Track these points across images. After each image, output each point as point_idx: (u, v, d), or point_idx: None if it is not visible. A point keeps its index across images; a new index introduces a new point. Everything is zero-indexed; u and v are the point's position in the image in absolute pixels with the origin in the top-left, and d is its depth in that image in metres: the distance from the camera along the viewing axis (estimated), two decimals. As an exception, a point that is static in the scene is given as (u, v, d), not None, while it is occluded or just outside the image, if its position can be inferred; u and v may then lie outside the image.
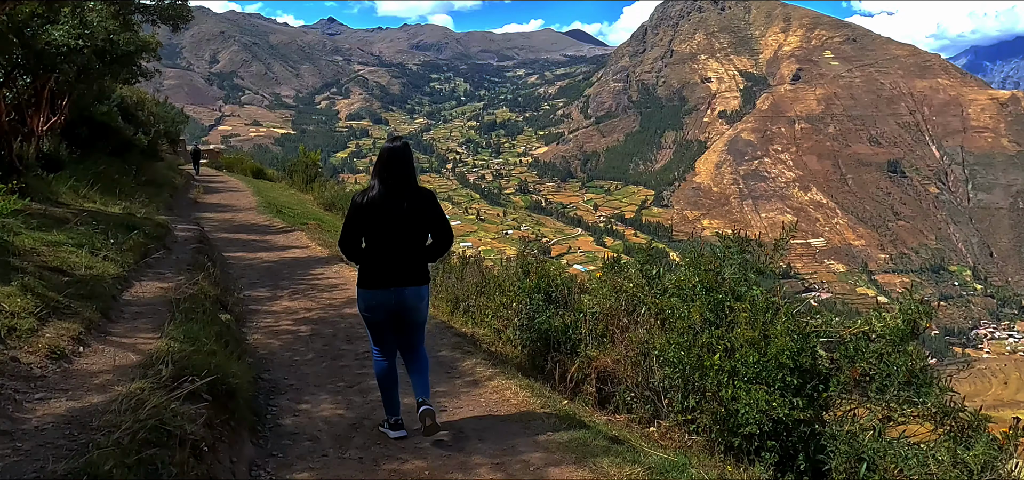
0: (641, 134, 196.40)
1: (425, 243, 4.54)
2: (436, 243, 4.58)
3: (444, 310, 8.73)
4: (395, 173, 4.39)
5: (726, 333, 4.66)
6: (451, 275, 9.64)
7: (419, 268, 4.49)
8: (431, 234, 4.55)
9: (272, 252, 12.20)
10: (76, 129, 17.10)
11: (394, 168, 4.39)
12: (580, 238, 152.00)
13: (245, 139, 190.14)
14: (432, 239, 4.56)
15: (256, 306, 7.82)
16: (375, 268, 4.39)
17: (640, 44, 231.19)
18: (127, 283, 5.92)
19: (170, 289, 6.07)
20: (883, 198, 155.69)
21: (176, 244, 9.72)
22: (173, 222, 12.52)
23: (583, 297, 6.66)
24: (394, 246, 4.37)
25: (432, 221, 4.50)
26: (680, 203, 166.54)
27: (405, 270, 4.40)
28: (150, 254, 7.66)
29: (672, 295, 5.40)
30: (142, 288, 5.93)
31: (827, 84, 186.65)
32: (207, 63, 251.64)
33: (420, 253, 4.50)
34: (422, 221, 4.45)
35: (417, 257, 4.47)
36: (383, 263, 4.38)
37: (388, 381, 4.52)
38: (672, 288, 5.52)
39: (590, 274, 7.73)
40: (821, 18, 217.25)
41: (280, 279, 9.53)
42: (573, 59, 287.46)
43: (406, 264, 4.41)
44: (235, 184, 27.44)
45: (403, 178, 4.40)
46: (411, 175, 4.49)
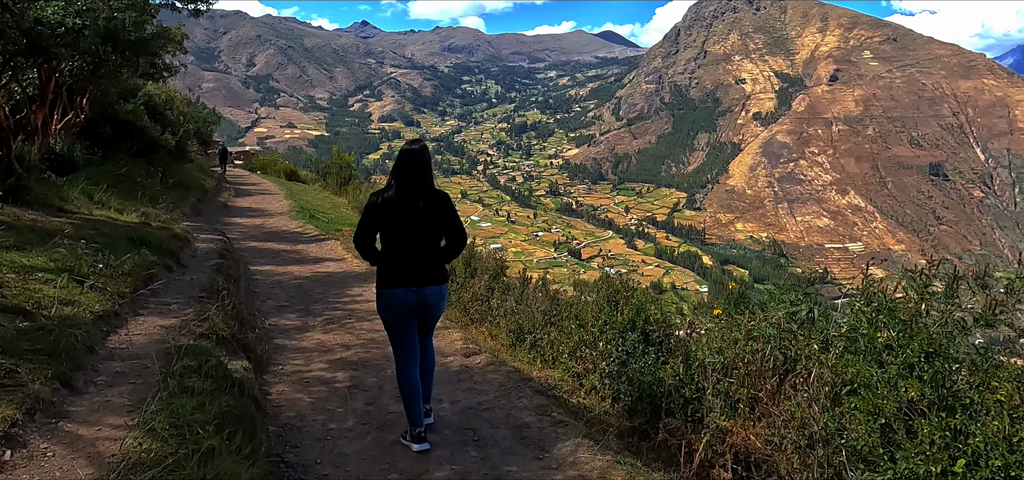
0: (673, 136, 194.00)
1: (440, 244, 4.52)
2: (449, 246, 4.55)
3: (501, 339, 7.31)
4: (411, 174, 4.38)
5: (966, 423, 3.14)
6: (509, 296, 8.20)
7: (438, 268, 4.50)
8: (445, 237, 4.51)
9: (304, 265, 10.91)
10: (98, 129, 16.14)
11: (410, 169, 4.38)
12: (611, 240, 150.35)
13: (280, 141, 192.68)
14: (446, 242, 4.54)
15: (283, 339, 6.46)
16: (394, 268, 4.38)
17: (673, 45, 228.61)
18: (116, 322, 4.57)
19: (173, 328, 4.71)
20: (924, 202, 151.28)
21: (194, 259, 8.43)
22: (196, 231, 11.30)
23: (699, 341, 5.16)
24: (411, 246, 4.37)
25: (446, 224, 4.48)
26: (713, 206, 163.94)
27: (425, 270, 4.41)
28: (156, 277, 6.32)
29: (847, 350, 3.90)
30: (136, 328, 4.59)
31: (866, 85, 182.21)
32: (244, 66, 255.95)
33: (437, 253, 4.50)
34: (437, 223, 4.43)
35: (434, 257, 4.48)
36: (402, 263, 4.37)
37: (410, 389, 4.41)
38: (844, 338, 4.02)
39: (694, 302, 6.07)
40: (860, 17, 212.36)
41: (312, 301, 8.17)
42: (605, 60, 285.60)
43: (425, 264, 4.41)
44: (268, 187, 26.61)
45: (419, 180, 4.39)
46: (427, 177, 4.45)
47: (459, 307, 8.96)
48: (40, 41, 7.18)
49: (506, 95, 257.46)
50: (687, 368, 5.03)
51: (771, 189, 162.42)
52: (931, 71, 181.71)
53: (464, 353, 6.07)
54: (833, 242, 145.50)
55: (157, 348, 4.14)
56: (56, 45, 7.47)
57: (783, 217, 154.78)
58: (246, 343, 5.34)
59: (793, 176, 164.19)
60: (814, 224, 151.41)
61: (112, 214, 9.77)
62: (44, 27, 7.05)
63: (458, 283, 9.30)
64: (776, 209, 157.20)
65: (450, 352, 6.13)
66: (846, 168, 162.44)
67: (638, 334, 5.51)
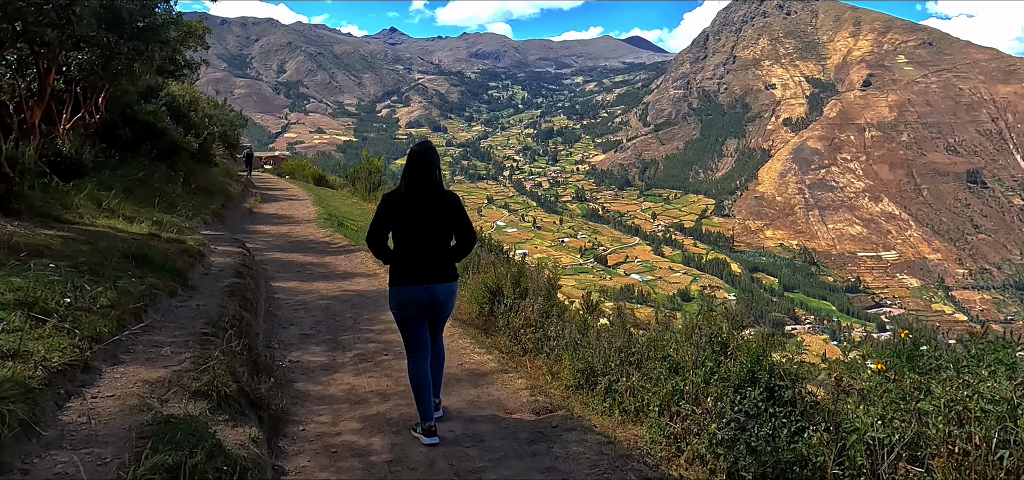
0: (701, 142, 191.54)
1: (450, 243, 4.58)
2: (459, 245, 4.61)
3: (565, 378, 6.07)
4: (418, 174, 4.45)
5: None
6: (568, 326, 6.92)
7: (448, 266, 4.55)
8: (455, 236, 4.58)
9: (332, 281, 9.77)
10: (116, 130, 15.23)
11: (417, 169, 4.45)
12: (638, 247, 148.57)
13: (309, 146, 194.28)
14: (455, 241, 4.60)
15: (306, 382, 5.26)
16: (406, 265, 4.44)
17: (701, 50, 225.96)
18: (82, 380, 3.41)
19: (160, 384, 3.54)
20: (961, 210, 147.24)
21: (206, 277, 7.30)
22: (214, 241, 10.22)
23: (853, 406, 3.87)
24: (421, 244, 4.42)
25: (456, 223, 4.55)
26: (742, 213, 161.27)
27: (435, 268, 4.47)
28: (154, 305, 5.16)
29: None
30: (109, 386, 3.43)
31: (900, 90, 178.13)
32: (275, 73, 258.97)
33: (447, 252, 4.56)
34: (446, 222, 4.50)
35: (444, 256, 4.54)
36: (413, 261, 4.43)
37: (422, 384, 4.44)
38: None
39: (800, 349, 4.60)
40: (894, 22, 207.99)
41: (341, 329, 6.98)
42: (632, 66, 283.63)
43: (435, 262, 4.47)
44: (295, 192, 25.81)
45: (427, 179, 4.46)
46: (434, 176, 4.49)
47: (509, 333, 7.77)
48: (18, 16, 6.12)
49: (533, 101, 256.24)
50: (837, 440, 3.76)
51: (802, 196, 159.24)
52: (969, 76, 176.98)
53: (533, 408, 4.80)
54: (866, 250, 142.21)
55: (127, 422, 2.95)
56: (40, 23, 6.40)
57: (814, 224, 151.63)
58: (258, 397, 4.14)
59: (825, 183, 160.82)
60: (846, 232, 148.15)
61: (119, 223, 8.68)
62: (25, 2, 6.00)
63: (506, 305, 8.12)
64: (807, 216, 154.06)
65: (515, 406, 4.87)
66: (880, 175, 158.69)
67: (761, 390, 4.23)
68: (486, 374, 5.57)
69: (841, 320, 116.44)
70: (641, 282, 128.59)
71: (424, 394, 4.41)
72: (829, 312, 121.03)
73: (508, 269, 8.83)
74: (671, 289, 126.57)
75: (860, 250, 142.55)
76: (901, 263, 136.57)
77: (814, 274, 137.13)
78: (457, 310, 8.94)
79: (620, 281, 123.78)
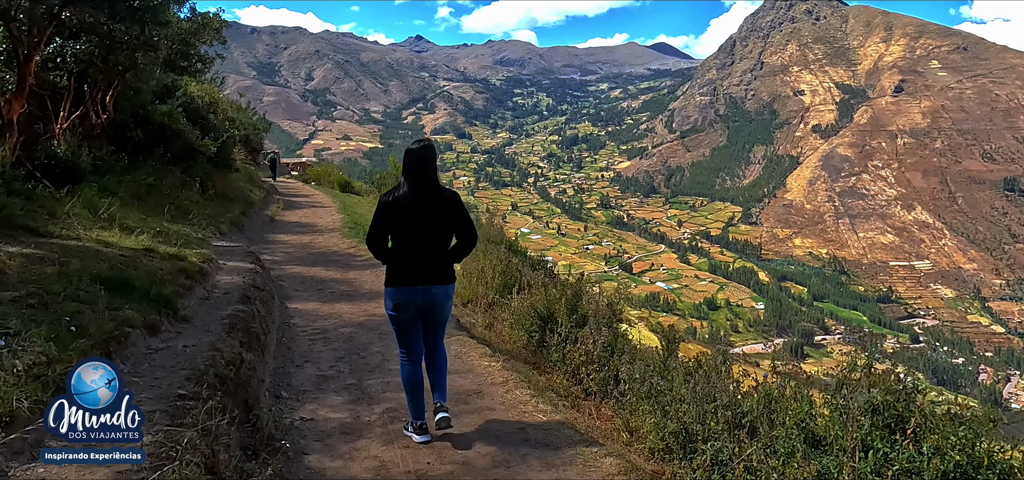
0: (728, 149, 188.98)
1: (449, 244, 4.51)
2: (460, 244, 4.54)
3: (650, 440, 4.74)
4: (416, 173, 4.37)
5: None
6: (646, 367, 5.58)
7: (445, 267, 4.49)
8: (456, 236, 4.51)
9: (356, 302, 8.57)
10: (127, 132, 14.18)
11: (415, 169, 4.37)
12: (663, 255, 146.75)
13: (336, 152, 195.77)
14: (456, 240, 4.53)
15: (320, 455, 3.93)
16: (402, 266, 4.38)
17: (728, 56, 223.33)
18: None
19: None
20: (998, 218, 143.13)
21: (205, 305, 6.07)
22: (226, 255, 9.07)
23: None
24: (419, 245, 4.35)
25: (456, 223, 4.48)
26: (770, 221, 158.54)
27: (431, 269, 4.40)
28: (122, 348, 3.91)
29: None
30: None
31: (934, 96, 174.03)
32: (303, 80, 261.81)
33: (445, 253, 4.48)
34: (446, 222, 4.42)
35: (442, 257, 4.46)
36: (409, 261, 4.36)
37: (414, 384, 4.41)
38: None
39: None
40: (927, 26, 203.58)
41: (367, 369, 5.69)
42: (657, 72, 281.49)
43: (432, 263, 4.40)
44: (320, 198, 24.91)
45: (424, 178, 4.36)
46: (432, 175, 4.41)
47: (566, 371, 6.45)
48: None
49: (557, 107, 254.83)
50: None
51: (831, 204, 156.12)
52: (1005, 81, 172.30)
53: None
54: (898, 259, 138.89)
55: None
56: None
57: (844, 233, 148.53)
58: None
59: (855, 190, 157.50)
60: (878, 240, 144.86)
61: (112, 236, 7.47)
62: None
63: (561, 335, 6.82)
64: (837, 224, 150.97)
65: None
66: (912, 182, 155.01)
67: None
68: (556, 446, 4.24)
69: (872, 331, 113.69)
70: (666, 290, 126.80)
71: (415, 393, 4.35)
72: (860, 322, 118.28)
73: (562, 292, 7.55)
74: (697, 297, 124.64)
75: (892, 259, 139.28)
76: (935, 273, 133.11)
77: (844, 283, 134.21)
78: (500, 338, 7.71)
79: (645, 289, 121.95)
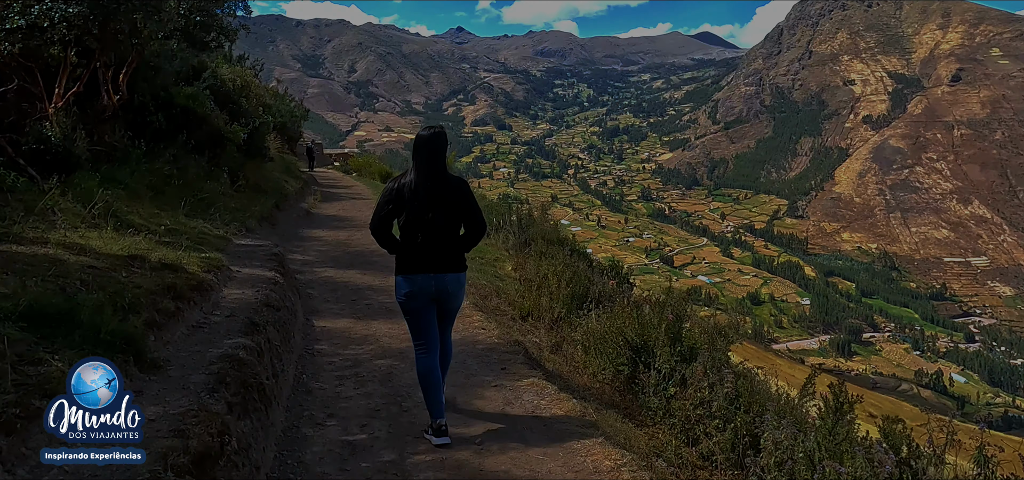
0: (774, 140, 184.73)
1: (458, 231, 4.48)
2: (469, 233, 4.51)
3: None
4: (425, 160, 4.34)
5: None
6: (793, 430, 3.98)
7: (456, 255, 4.46)
8: (464, 225, 4.48)
9: (395, 319, 6.72)
10: (147, 115, 13.40)
11: (424, 156, 4.35)
12: (705, 248, 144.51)
13: (377, 144, 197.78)
14: (465, 229, 4.50)
15: None
16: (413, 254, 4.37)
17: (775, 45, 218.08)
18: None
19: None
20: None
21: (195, 335, 4.97)
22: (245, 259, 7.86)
23: None
24: (428, 232, 4.32)
25: (465, 211, 4.43)
26: (817, 214, 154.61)
27: (443, 257, 4.38)
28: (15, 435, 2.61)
29: None
30: None
31: (994, 85, 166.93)
32: (346, 72, 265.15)
33: (455, 241, 4.45)
34: (454, 210, 4.39)
35: (452, 244, 4.43)
36: (420, 249, 4.34)
37: (431, 379, 4.33)
38: None
39: None
40: (987, 12, 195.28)
41: (412, 430, 4.60)
42: (701, 62, 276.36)
43: (443, 251, 4.38)
44: (360, 190, 24.08)
45: (433, 166, 4.34)
46: (440, 163, 4.38)
47: (672, 425, 5.17)
48: None
49: (598, 98, 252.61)
50: None
51: (882, 197, 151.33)
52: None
53: None
54: (953, 255, 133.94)
55: None
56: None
57: (895, 227, 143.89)
58: None
59: (908, 184, 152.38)
60: (931, 235, 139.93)
61: (94, 239, 6.07)
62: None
63: (660, 371, 5.53)
64: (888, 219, 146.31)
65: None
66: (969, 175, 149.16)
67: None
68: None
69: (924, 329, 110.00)
70: (708, 284, 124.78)
71: (432, 389, 4.30)
72: (911, 320, 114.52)
73: (661, 316, 5.92)
74: (740, 292, 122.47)
75: (946, 255, 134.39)
76: (993, 270, 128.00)
77: (895, 279, 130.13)
78: (572, 366, 6.67)
79: (687, 282, 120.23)
